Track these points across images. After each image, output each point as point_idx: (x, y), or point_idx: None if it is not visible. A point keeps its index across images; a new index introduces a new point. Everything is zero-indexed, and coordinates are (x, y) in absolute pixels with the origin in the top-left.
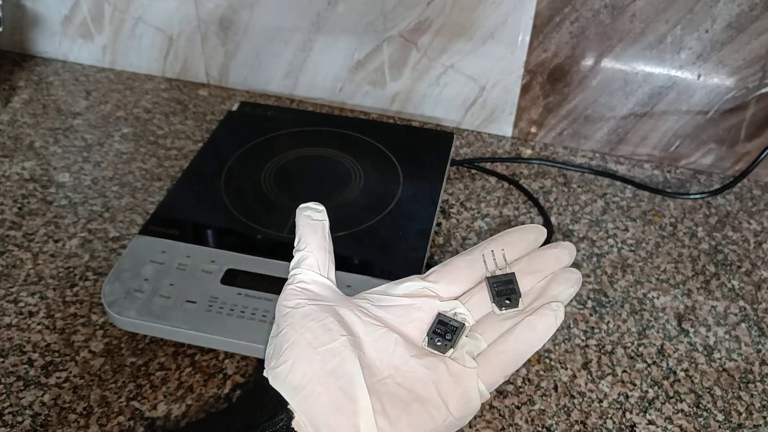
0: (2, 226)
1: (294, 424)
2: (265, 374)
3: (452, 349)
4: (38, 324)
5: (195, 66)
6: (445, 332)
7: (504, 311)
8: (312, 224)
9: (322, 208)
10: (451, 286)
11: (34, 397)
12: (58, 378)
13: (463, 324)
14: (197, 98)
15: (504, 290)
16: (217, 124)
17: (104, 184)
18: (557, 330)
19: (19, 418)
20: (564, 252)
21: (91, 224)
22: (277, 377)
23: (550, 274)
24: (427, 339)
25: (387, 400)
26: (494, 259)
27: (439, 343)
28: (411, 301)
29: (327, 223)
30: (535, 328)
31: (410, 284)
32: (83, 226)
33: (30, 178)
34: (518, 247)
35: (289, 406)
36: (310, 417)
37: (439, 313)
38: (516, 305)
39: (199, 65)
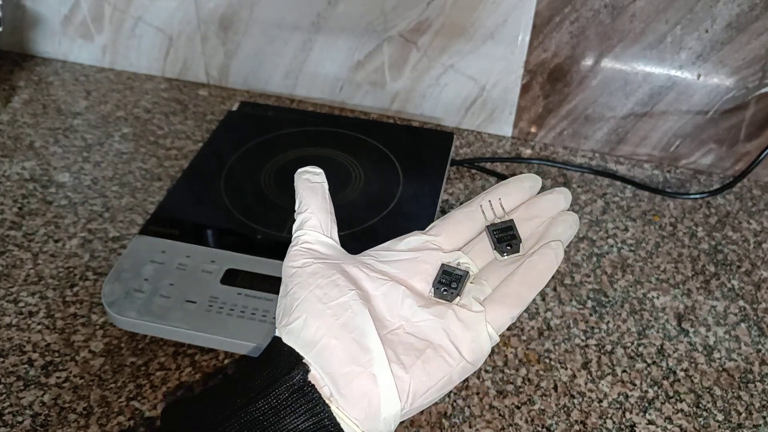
0: (2, 226)
1: (310, 377)
2: (276, 333)
3: (459, 297)
4: (38, 324)
5: (195, 66)
6: (450, 281)
7: (506, 257)
8: (312, 186)
9: (320, 170)
10: (452, 238)
11: (34, 397)
12: (58, 378)
13: (467, 272)
14: (197, 98)
15: (504, 237)
16: (217, 124)
17: (104, 184)
18: (557, 329)
19: (19, 418)
20: (560, 197)
21: (91, 224)
22: (290, 333)
23: (548, 219)
24: (433, 290)
25: (401, 349)
26: (492, 208)
27: (445, 293)
28: (415, 255)
29: (326, 185)
30: (536, 268)
31: (412, 239)
32: (83, 226)
33: (30, 178)
34: (515, 195)
35: (304, 361)
36: (327, 370)
37: (442, 264)
38: (517, 250)
39: (199, 65)
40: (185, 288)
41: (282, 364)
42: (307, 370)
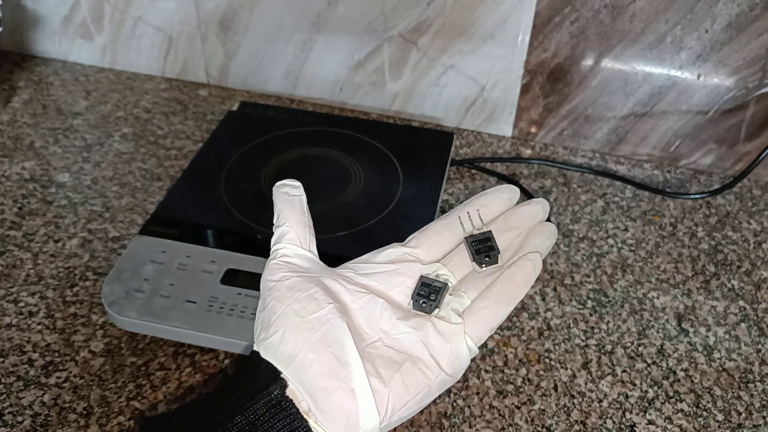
0: (2, 226)
1: (288, 392)
2: (255, 348)
3: (437, 309)
4: (38, 324)
5: (195, 66)
6: (429, 293)
7: (484, 268)
8: (290, 200)
9: (298, 184)
10: (431, 249)
11: (34, 397)
12: (58, 378)
13: (446, 284)
14: (197, 98)
15: (482, 248)
16: (217, 124)
17: (104, 184)
18: (557, 329)
19: (19, 418)
20: (538, 207)
21: (91, 224)
22: (268, 348)
23: (526, 230)
24: (412, 302)
25: (379, 362)
26: (470, 219)
27: (424, 305)
28: (393, 267)
29: (304, 198)
30: (514, 280)
31: (391, 251)
32: (83, 226)
33: (30, 178)
34: (493, 207)
35: (282, 375)
36: (305, 384)
37: (421, 276)
38: (495, 261)
39: (199, 65)
40: (185, 288)
41: (260, 379)
42: (284, 385)
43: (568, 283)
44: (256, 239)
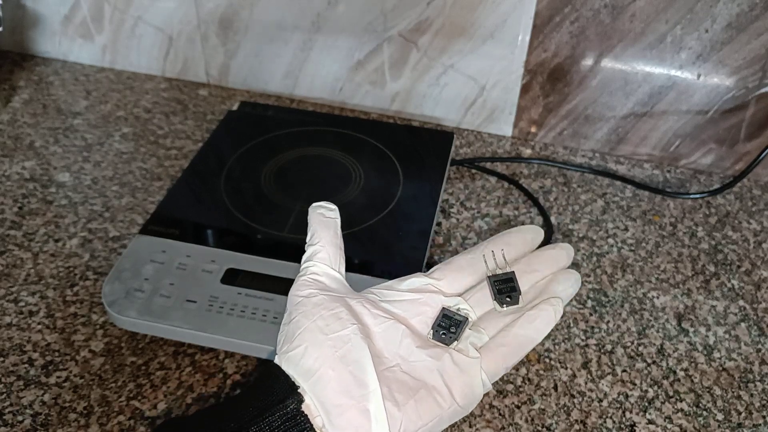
0: (2, 225)
1: (304, 407)
2: (276, 360)
3: (456, 341)
4: (38, 323)
5: (195, 66)
6: (449, 325)
7: (505, 308)
8: (325, 221)
9: (334, 207)
10: (453, 283)
11: (35, 396)
12: (58, 377)
13: (467, 318)
14: (197, 98)
15: (505, 288)
16: (217, 124)
17: (104, 184)
18: (557, 329)
19: (20, 418)
20: (562, 253)
21: (91, 224)
22: (290, 361)
23: (551, 275)
24: (432, 332)
25: (395, 386)
26: (494, 258)
27: (443, 336)
28: (416, 296)
29: (339, 222)
30: (534, 322)
31: (415, 280)
32: (83, 226)
33: (30, 177)
34: (517, 246)
35: (299, 390)
36: (322, 400)
37: (443, 308)
38: (516, 302)
39: (199, 65)
40: (185, 287)
41: (277, 391)
42: (301, 400)
43: None
44: (256, 239)
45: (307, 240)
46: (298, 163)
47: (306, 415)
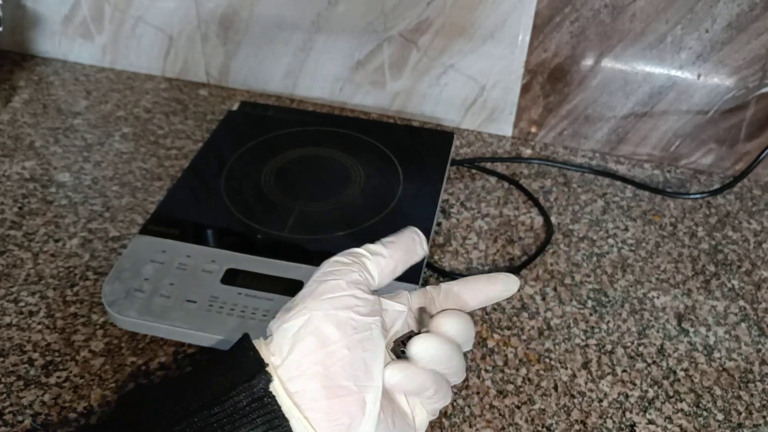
0: (2, 225)
1: (271, 387)
2: (296, 311)
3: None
4: (38, 323)
5: (195, 66)
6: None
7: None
8: (411, 247)
9: (427, 250)
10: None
11: (35, 396)
12: (58, 377)
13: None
14: (197, 98)
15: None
16: (217, 124)
17: (104, 184)
18: (557, 329)
19: (20, 418)
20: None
21: (91, 224)
22: (313, 304)
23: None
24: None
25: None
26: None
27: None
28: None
29: (419, 258)
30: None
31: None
32: (83, 226)
33: (30, 177)
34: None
35: (267, 369)
36: (329, 372)
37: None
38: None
39: (199, 65)
40: (185, 288)
41: (245, 368)
42: (269, 379)
43: (568, 282)
44: (256, 239)
45: (383, 239)
46: (298, 163)
47: (273, 396)
